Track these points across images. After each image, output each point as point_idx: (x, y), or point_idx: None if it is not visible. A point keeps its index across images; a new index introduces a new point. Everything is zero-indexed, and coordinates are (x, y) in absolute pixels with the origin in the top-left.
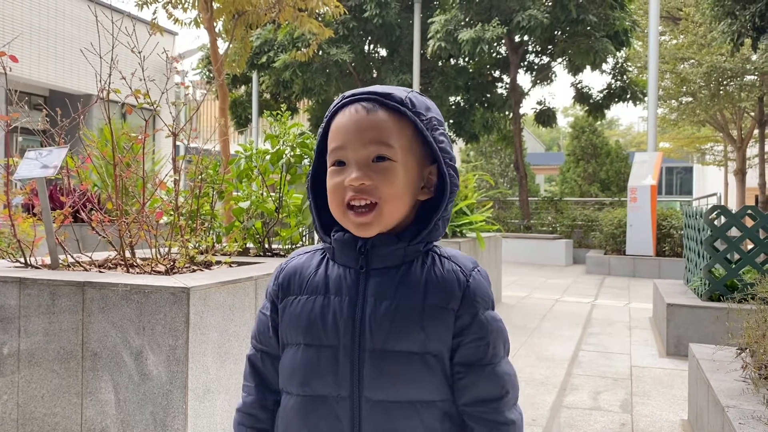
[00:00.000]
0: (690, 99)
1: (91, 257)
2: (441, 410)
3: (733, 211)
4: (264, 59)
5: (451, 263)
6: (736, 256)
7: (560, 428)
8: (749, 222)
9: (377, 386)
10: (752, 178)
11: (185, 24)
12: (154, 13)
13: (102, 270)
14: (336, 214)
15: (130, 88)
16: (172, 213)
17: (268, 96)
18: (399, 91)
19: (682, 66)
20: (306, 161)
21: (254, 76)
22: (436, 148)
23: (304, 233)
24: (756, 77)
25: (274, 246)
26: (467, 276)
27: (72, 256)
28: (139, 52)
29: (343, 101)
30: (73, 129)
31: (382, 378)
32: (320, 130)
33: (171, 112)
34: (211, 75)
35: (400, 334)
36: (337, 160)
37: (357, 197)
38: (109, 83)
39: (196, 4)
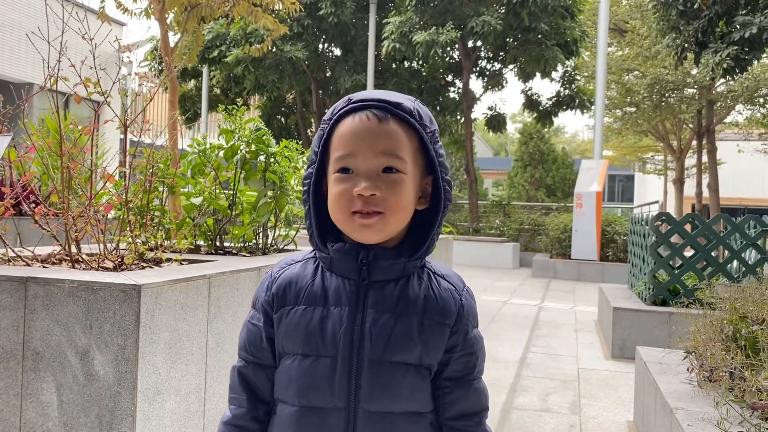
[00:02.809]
0: (634, 109)
1: (33, 252)
2: (428, 421)
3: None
4: (216, 53)
5: (446, 282)
6: (679, 262)
7: (511, 430)
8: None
9: (374, 397)
10: (690, 187)
11: (135, 14)
12: (102, 1)
13: (46, 265)
14: (339, 220)
15: (80, 76)
16: (120, 207)
17: (218, 91)
18: (407, 101)
19: (627, 77)
20: (262, 158)
21: (205, 70)
22: (436, 162)
23: (258, 231)
24: (696, 90)
25: (225, 244)
26: (461, 295)
27: (13, 250)
28: (91, 39)
29: (350, 106)
30: (11, 119)
31: (380, 388)
32: (321, 133)
33: (125, 103)
34: (161, 68)
35: (399, 346)
36: (342, 167)
37: (365, 208)
38: (58, 70)
39: None
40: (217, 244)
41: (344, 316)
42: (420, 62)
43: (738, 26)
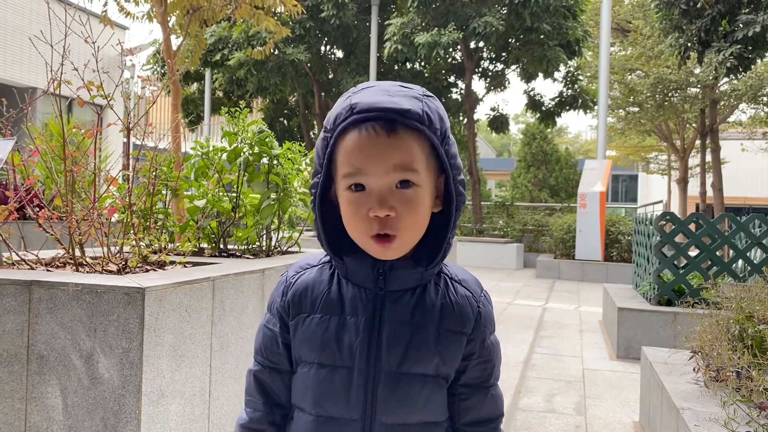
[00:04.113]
0: (637, 109)
1: (37, 255)
2: (443, 429)
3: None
4: (218, 57)
5: (463, 288)
6: (683, 262)
7: (516, 431)
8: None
9: (391, 409)
10: (694, 187)
11: (137, 18)
12: (105, 5)
13: (50, 269)
14: (357, 239)
15: (83, 79)
16: (124, 210)
17: (221, 94)
18: (415, 105)
19: (630, 77)
20: (265, 160)
21: (207, 73)
22: (447, 164)
23: (261, 234)
24: (699, 90)
25: (229, 247)
26: (478, 302)
27: (17, 254)
28: (94, 42)
29: (354, 117)
30: (15, 123)
31: (397, 401)
32: (324, 143)
33: (128, 106)
34: (163, 71)
35: (417, 357)
36: (354, 184)
37: (382, 230)
38: (61, 74)
39: None
40: (221, 246)
41: (361, 327)
42: (422, 63)
43: (741, 25)
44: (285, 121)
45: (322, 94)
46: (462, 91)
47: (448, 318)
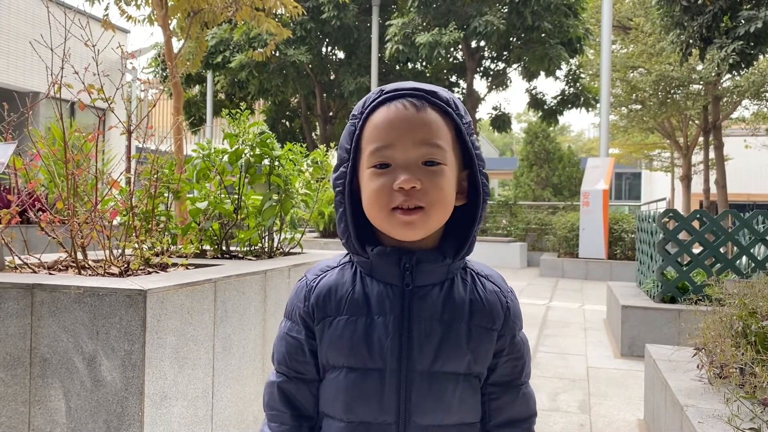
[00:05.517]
0: (639, 106)
1: (39, 259)
2: (478, 430)
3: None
4: (219, 59)
5: (490, 283)
6: (687, 259)
7: None
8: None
9: (426, 410)
10: (697, 184)
11: (138, 21)
12: (106, 9)
13: (52, 272)
14: (378, 218)
15: (83, 83)
16: (126, 213)
17: (222, 96)
18: (442, 91)
19: (632, 74)
20: (266, 161)
21: (209, 75)
22: (473, 153)
23: (263, 235)
24: (701, 86)
25: (231, 248)
26: (506, 297)
27: (20, 258)
28: (94, 46)
29: (383, 96)
30: (18, 127)
31: (431, 401)
32: (352, 128)
33: (129, 109)
34: (165, 74)
35: (449, 355)
36: (380, 162)
37: (406, 202)
38: (61, 77)
39: (150, 0)
40: (223, 248)
41: (390, 326)
42: (423, 63)
43: (743, 21)
44: (287, 123)
45: (324, 95)
46: (464, 91)
47: (478, 314)
